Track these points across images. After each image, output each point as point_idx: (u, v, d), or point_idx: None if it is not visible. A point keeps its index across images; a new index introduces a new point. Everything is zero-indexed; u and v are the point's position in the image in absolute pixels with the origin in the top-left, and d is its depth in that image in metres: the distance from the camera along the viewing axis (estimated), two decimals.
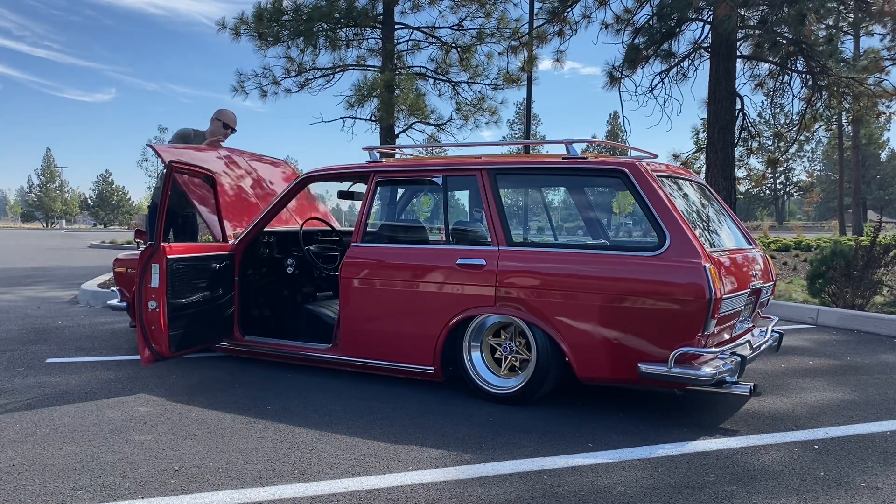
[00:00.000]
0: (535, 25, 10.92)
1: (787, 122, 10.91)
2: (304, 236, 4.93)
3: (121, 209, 79.39)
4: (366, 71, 13.43)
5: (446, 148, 12.77)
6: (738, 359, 3.40)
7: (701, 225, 3.79)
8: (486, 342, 3.86)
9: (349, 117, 13.32)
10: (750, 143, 10.50)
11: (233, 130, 5.83)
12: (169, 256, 3.98)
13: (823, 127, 11.73)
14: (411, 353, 3.97)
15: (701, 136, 11.53)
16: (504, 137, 44.88)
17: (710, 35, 9.26)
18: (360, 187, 4.94)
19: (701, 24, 9.56)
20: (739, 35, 9.42)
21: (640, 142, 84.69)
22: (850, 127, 32.69)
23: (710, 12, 8.87)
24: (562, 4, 10.06)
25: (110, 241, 23.62)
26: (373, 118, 13.27)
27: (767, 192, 70.33)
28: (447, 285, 3.84)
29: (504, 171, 3.96)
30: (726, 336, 3.68)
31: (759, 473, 2.77)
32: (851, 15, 10.35)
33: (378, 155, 4.50)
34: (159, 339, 3.98)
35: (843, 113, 12.49)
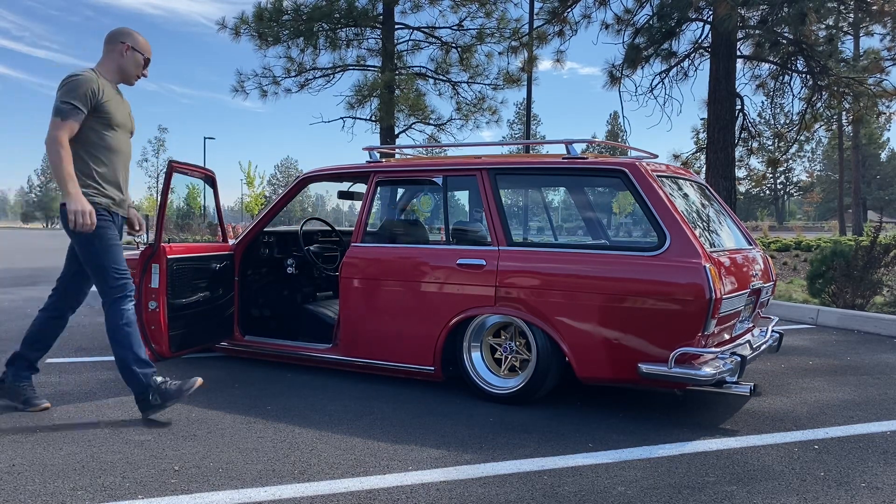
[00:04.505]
0: (535, 25, 10.92)
1: (788, 122, 10.90)
2: (304, 236, 4.93)
3: None
4: (366, 71, 13.44)
5: (446, 148, 12.77)
6: (738, 359, 3.40)
7: (701, 225, 3.79)
8: (486, 342, 3.86)
9: (349, 117, 13.34)
10: (750, 143, 10.49)
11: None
12: (169, 256, 3.98)
13: (823, 127, 11.71)
14: (411, 353, 3.96)
15: (701, 136, 11.52)
16: (504, 137, 44.93)
17: (710, 35, 9.26)
18: (360, 187, 4.95)
19: (701, 23, 9.56)
20: (739, 35, 9.41)
21: (640, 142, 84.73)
22: (850, 127, 32.71)
23: (710, 12, 8.87)
24: (562, 4, 10.06)
25: None
26: (373, 118, 13.27)
27: (767, 192, 70.37)
28: (447, 285, 3.84)
29: (504, 171, 3.96)
30: (726, 336, 3.68)
31: (759, 473, 2.77)
32: (851, 15, 10.34)
33: (378, 155, 4.50)
34: (159, 339, 3.98)
35: (843, 113, 12.48)
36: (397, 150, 5.92)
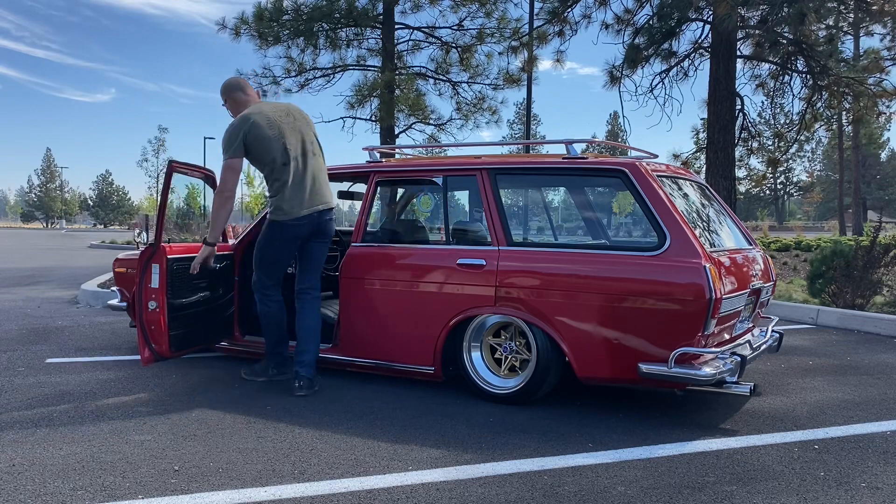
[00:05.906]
0: (535, 25, 10.92)
1: (788, 122, 10.90)
2: None
3: (121, 209, 79.42)
4: (366, 71, 13.43)
5: (446, 148, 12.76)
6: (739, 359, 3.40)
7: (701, 225, 3.79)
8: (486, 342, 3.86)
9: (349, 117, 13.32)
10: (750, 143, 10.50)
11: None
12: (169, 256, 3.97)
13: (823, 127, 11.71)
14: (411, 352, 3.96)
15: (701, 136, 11.52)
16: (504, 137, 44.89)
17: (710, 35, 9.26)
18: (360, 187, 4.95)
19: (701, 23, 9.57)
20: (739, 35, 9.42)
21: (640, 142, 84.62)
22: (850, 127, 32.70)
23: (710, 12, 8.87)
24: (562, 4, 10.06)
25: (110, 241, 23.62)
26: (373, 118, 13.27)
27: (767, 192, 70.33)
28: (447, 285, 3.84)
29: (504, 171, 3.96)
30: (726, 336, 3.68)
31: (759, 473, 2.77)
32: (851, 15, 10.34)
33: (378, 155, 4.50)
34: (159, 339, 3.97)
35: (843, 113, 12.48)
36: (397, 150, 5.92)
